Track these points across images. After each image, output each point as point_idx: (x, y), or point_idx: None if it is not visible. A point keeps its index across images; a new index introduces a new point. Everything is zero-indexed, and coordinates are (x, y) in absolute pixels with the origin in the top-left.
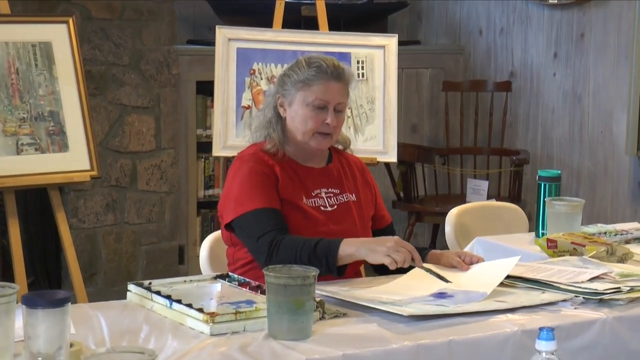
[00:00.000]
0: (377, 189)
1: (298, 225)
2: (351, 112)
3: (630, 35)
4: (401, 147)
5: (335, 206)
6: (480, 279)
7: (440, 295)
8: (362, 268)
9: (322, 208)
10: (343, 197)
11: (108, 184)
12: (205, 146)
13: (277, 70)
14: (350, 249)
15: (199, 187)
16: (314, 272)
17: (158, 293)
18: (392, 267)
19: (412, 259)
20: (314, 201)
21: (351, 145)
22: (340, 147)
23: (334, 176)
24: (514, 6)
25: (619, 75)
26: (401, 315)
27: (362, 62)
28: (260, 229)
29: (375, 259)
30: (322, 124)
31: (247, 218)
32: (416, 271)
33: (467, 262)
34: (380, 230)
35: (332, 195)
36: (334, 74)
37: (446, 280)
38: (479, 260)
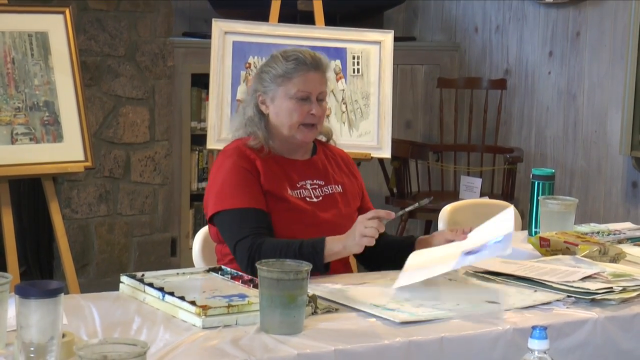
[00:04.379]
0: (362, 181)
1: (283, 216)
2: (346, 107)
3: (626, 35)
4: (395, 143)
5: (321, 197)
6: (489, 234)
7: (468, 254)
8: (353, 263)
9: (308, 199)
10: (328, 189)
11: (101, 175)
12: (199, 139)
13: None
14: (336, 247)
15: (193, 179)
16: (306, 266)
17: (151, 285)
18: (371, 244)
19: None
20: (299, 192)
21: (334, 136)
22: (323, 138)
23: (318, 168)
24: (509, 4)
25: (614, 74)
26: (393, 321)
27: (358, 57)
28: (238, 232)
29: (358, 249)
30: (307, 115)
31: (225, 216)
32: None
33: (459, 234)
34: None
35: (317, 186)
36: (312, 64)
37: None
38: (470, 229)
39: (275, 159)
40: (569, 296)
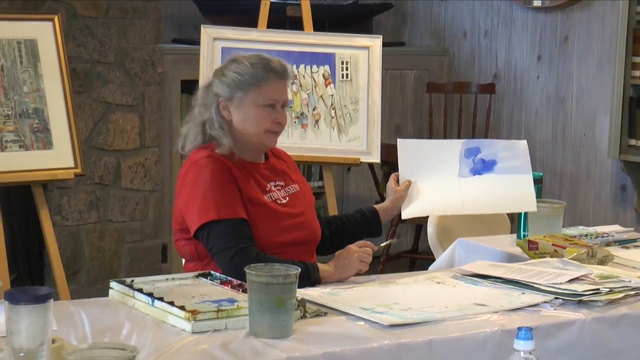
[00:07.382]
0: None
1: (265, 222)
2: (335, 112)
3: (614, 39)
4: (384, 148)
5: (287, 198)
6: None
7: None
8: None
9: (279, 201)
10: (290, 189)
11: (92, 182)
12: None
13: None
14: (330, 278)
15: None
16: (295, 270)
17: (140, 291)
18: (366, 269)
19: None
20: (270, 195)
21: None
22: None
23: (277, 169)
24: (498, 9)
25: (602, 78)
26: (382, 324)
27: (347, 62)
28: (236, 242)
29: (352, 274)
30: (273, 123)
31: (219, 226)
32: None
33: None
34: None
35: (280, 187)
36: (280, 72)
37: None
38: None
39: (243, 164)
40: (556, 298)
